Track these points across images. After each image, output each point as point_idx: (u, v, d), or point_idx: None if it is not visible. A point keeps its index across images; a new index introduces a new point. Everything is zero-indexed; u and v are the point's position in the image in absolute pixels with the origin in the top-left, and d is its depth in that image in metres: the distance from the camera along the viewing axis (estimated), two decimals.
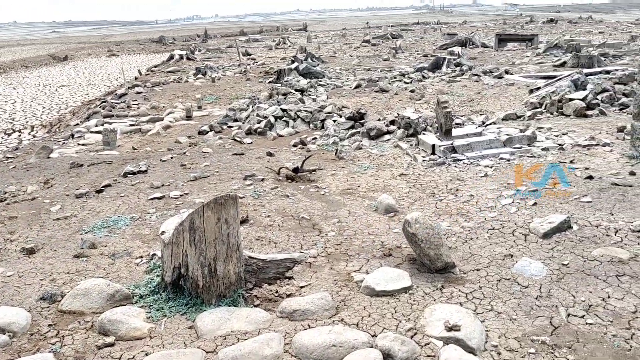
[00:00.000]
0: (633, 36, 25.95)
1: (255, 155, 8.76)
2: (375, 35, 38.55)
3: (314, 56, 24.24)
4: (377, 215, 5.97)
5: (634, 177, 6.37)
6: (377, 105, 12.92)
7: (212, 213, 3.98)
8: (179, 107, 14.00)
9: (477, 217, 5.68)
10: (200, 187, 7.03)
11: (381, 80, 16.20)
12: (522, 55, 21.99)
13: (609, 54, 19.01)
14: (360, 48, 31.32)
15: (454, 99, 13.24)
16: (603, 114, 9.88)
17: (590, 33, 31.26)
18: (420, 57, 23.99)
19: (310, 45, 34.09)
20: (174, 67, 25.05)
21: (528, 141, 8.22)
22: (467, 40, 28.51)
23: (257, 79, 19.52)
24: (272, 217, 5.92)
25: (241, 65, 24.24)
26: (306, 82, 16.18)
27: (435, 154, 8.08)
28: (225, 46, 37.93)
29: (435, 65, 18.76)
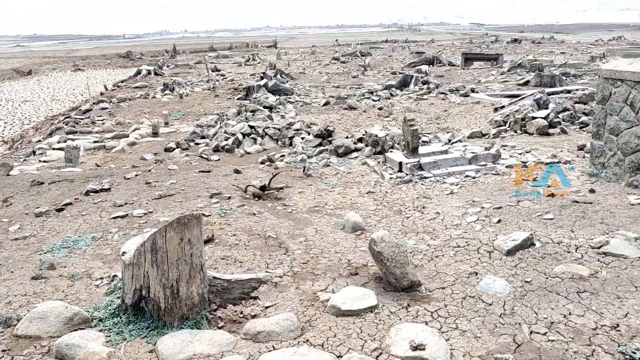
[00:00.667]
0: (593, 56, 26.81)
1: (223, 173, 8.68)
2: (345, 53, 38.93)
3: (284, 73, 24.32)
4: (344, 234, 5.96)
5: (593, 194, 6.52)
6: (346, 123, 13.00)
7: (175, 233, 3.90)
8: (145, 124, 13.83)
9: (443, 235, 5.71)
10: (165, 206, 6.92)
11: (350, 98, 16.32)
12: (488, 73, 22.46)
13: (570, 74, 19.58)
14: (330, 65, 31.57)
15: (421, 116, 13.41)
16: (564, 132, 10.13)
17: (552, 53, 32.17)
18: (389, 74, 24.30)
19: (279, 61, 34.20)
20: (141, 82, 24.78)
21: (493, 159, 8.36)
22: (434, 58, 29.01)
23: (226, 95, 19.45)
24: (238, 235, 5.85)
25: (210, 81, 24.14)
26: (275, 99, 16.19)
27: (402, 171, 8.14)
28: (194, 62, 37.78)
29: (403, 83, 19.01)
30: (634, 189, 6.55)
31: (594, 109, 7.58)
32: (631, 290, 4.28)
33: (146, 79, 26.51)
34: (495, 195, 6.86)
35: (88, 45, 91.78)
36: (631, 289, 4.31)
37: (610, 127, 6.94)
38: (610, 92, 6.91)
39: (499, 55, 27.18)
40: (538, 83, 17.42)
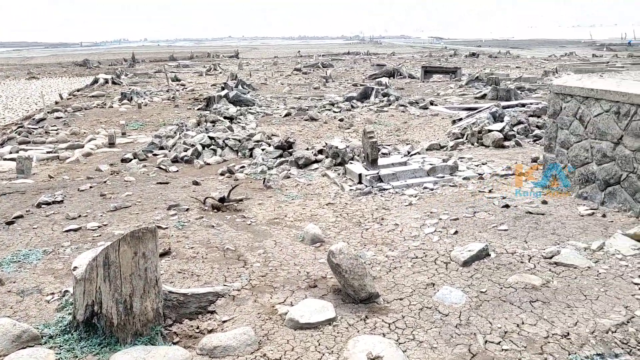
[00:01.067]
0: (546, 71, 27.69)
1: (181, 184, 8.56)
2: (307, 64, 39.11)
3: (245, 83, 24.24)
4: (303, 246, 5.95)
5: (546, 205, 6.71)
6: (307, 134, 13.03)
7: (129, 247, 3.83)
8: (101, 134, 13.53)
9: (402, 246, 5.77)
10: (120, 218, 6.77)
11: (311, 109, 16.38)
12: (446, 86, 22.91)
13: (524, 88, 20.16)
14: (292, 76, 31.65)
15: (381, 128, 13.56)
16: (519, 145, 10.41)
17: (508, 67, 33.08)
18: (350, 86, 24.51)
19: (241, 72, 34.08)
20: (98, 91, 24.27)
21: (450, 171, 8.51)
22: (395, 71, 29.42)
23: (186, 105, 19.24)
24: (196, 248, 5.77)
25: (170, 91, 23.84)
26: (236, 110, 16.11)
27: (362, 183, 8.20)
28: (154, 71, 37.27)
29: (364, 95, 19.20)
30: (583, 200, 6.77)
31: (546, 122, 7.81)
32: (581, 299, 4.40)
33: (103, 88, 25.98)
34: (452, 206, 6.98)
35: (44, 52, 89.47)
36: (581, 297, 4.43)
37: (561, 141, 7.17)
38: (560, 106, 7.14)
39: (458, 69, 27.78)
40: (494, 96, 17.86)
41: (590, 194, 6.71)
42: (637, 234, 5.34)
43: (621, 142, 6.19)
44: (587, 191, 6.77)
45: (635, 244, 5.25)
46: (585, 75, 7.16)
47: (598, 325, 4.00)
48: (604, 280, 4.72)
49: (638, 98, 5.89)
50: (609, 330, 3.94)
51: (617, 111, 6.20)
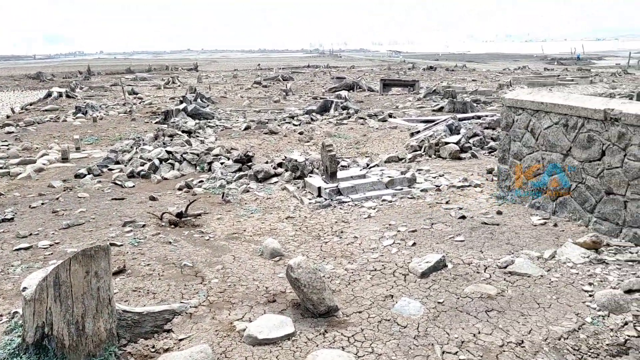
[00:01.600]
0: (500, 84, 28.44)
1: (137, 200, 8.40)
2: (267, 77, 39.09)
3: (204, 97, 24.04)
4: (262, 260, 5.91)
5: (500, 216, 6.87)
6: (267, 147, 12.99)
7: (80, 266, 3.73)
8: (54, 149, 13.16)
9: (361, 259, 5.79)
10: (73, 236, 6.59)
11: (271, 122, 16.36)
12: (405, 99, 23.26)
13: (480, 100, 20.67)
14: (252, 89, 31.57)
15: (341, 141, 13.65)
16: (475, 156, 10.64)
17: (464, 80, 33.84)
18: (310, 99, 24.60)
19: (200, 85, 33.80)
20: (52, 105, 23.64)
21: (408, 183, 8.61)
22: (354, 84, 29.71)
23: (143, 119, 18.94)
24: (152, 265, 5.66)
25: (126, 104, 23.43)
26: (194, 124, 15.95)
27: (322, 196, 8.22)
28: (110, 84, 36.54)
29: (324, 108, 19.31)
30: (536, 210, 6.96)
31: (500, 135, 8.01)
32: (534, 308, 4.51)
33: (57, 102, 25.32)
34: (410, 218, 7.06)
35: None
36: (534, 306, 4.54)
37: (514, 152, 7.37)
38: (513, 119, 7.35)
39: (416, 82, 28.25)
40: (451, 109, 18.24)
41: (543, 204, 6.90)
42: (587, 243, 5.51)
43: (570, 154, 6.40)
44: (539, 201, 6.96)
45: (585, 252, 5.42)
46: (535, 89, 7.40)
47: (551, 333, 4.10)
48: (556, 288, 4.85)
49: (584, 111, 6.12)
50: (561, 337, 4.04)
51: (566, 124, 6.42)
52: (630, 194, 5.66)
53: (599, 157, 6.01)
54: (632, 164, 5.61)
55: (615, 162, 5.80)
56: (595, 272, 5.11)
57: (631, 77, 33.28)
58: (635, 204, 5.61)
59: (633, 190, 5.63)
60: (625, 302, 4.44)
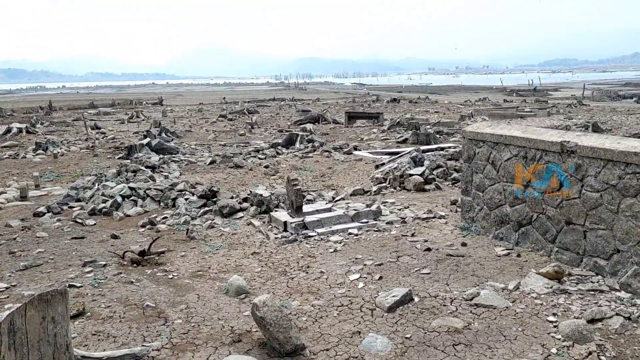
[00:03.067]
0: (462, 116, 29.10)
1: (98, 239, 8.19)
2: (232, 110, 39.11)
3: (169, 131, 23.85)
4: (227, 298, 5.80)
5: (465, 247, 6.94)
6: (232, 182, 12.91)
7: (37, 311, 3.59)
8: (12, 186, 12.78)
9: (327, 294, 5.74)
10: (30, 278, 6.36)
11: (236, 156, 16.29)
12: (370, 131, 23.53)
13: (443, 132, 21.05)
14: (217, 123, 31.49)
15: (306, 174, 13.67)
16: (439, 188, 10.78)
17: (427, 112, 34.53)
18: (276, 132, 24.66)
19: (165, 119, 33.57)
20: (11, 141, 23.06)
21: (374, 216, 8.64)
22: (320, 116, 29.95)
23: (106, 154, 18.64)
24: (113, 307, 5.49)
25: (89, 139, 23.05)
26: (158, 158, 15.77)
27: (287, 230, 8.17)
28: (72, 119, 35.95)
29: (289, 141, 19.37)
30: (499, 241, 7.06)
31: (462, 166, 8.15)
32: (501, 340, 4.53)
33: (17, 138, 24.72)
34: (377, 251, 7.06)
35: None
36: (500, 338, 4.56)
37: (477, 184, 7.49)
38: (474, 152, 7.50)
39: (380, 114, 28.66)
40: (415, 141, 18.53)
41: (506, 235, 7.01)
42: (550, 273, 5.60)
43: (530, 185, 6.55)
44: (502, 232, 7.06)
45: (548, 282, 5.49)
46: (495, 122, 7.59)
47: None
48: (521, 319, 4.88)
49: (542, 144, 6.29)
50: None
51: (525, 156, 6.58)
52: (589, 224, 5.80)
53: (557, 188, 6.16)
54: (589, 195, 5.76)
55: (573, 193, 5.96)
56: (559, 302, 5.18)
57: (586, 108, 34.55)
58: (594, 234, 5.75)
59: (591, 220, 5.77)
60: (589, 332, 4.50)
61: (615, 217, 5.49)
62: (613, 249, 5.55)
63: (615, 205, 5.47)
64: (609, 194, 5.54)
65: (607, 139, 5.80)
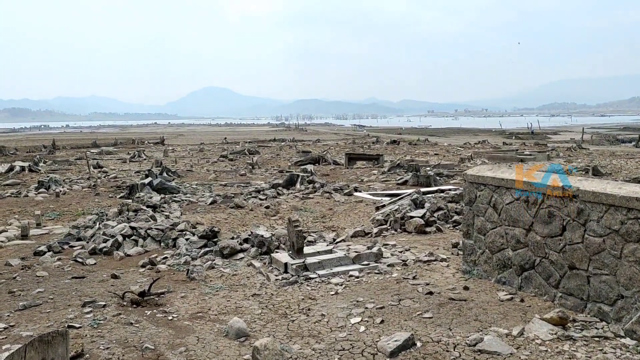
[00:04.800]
0: (462, 158, 29.31)
1: (99, 278, 8.14)
2: (233, 151, 39.39)
3: (170, 170, 23.98)
4: (227, 341, 5.73)
5: (467, 291, 6.89)
6: (233, 222, 12.90)
7: (36, 353, 3.55)
8: (13, 225, 12.78)
9: (328, 338, 5.68)
10: (29, 318, 6.29)
11: (237, 196, 16.33)
12: (370, 173, 23.65)
13: (443, 174, 21.15)
14: (218, 163, 31.69)
15: (307, 215, 13.68)
16: (440, 230, 10.77)
17: (427, 154, 34.77)
18: (277, 172, 24.78)
19: (166, 159, 33.80)
20: (14, 179, 23.17)
21: (375, 258, 8.61)
22: (320, 157, 30.16)
23: (108, 193, 18.69)
24: (112, 349, 5.42)
25: (91, 178, 23.15)
26: (160, 198, 15.79)
27: (288, 272, 8.12)
28: (75, 158, 36.21)
29: (290, 182, 19.44)
30: (502, 285, 7.01)
31: (463, 209, 8.17)
32: None
33: (19, 176, 24.86)
34: (378, 294, 7.01)
35: None
36: None
37: (478, 227, 7.50)
38: (475, 195, 7.53)
39: (380, 156, 28.87)
40: (415, 182, 18.60)
41: (508, 279, 6.97)
42: (554, 318, 5.55)
43: (532, 229, 6.55)
44: (505, 276, 7.03)
45: (552, 328, 5.44)
46: (496, 165, 7.64)
47: None
48: None
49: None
50: None
51: (527, 199, 6.61)
52: (593, 269, 5.78)
53: (560, 233, 6.16)
54: (592, 240, 5.77)
55: (576, 238, 5.96)
56: (564, 349, 5.12)
57: (585, 151, 34.79)
58: (598, 279, 5.72)
59: (595, 265, 5.76)
60: None
61: (618, 262, 5.48)
62: (617, 295, 5.52)
63: (618, 251, 5.47)
64: (611, 239, 5.55)
65: (609, 184, 5.85)
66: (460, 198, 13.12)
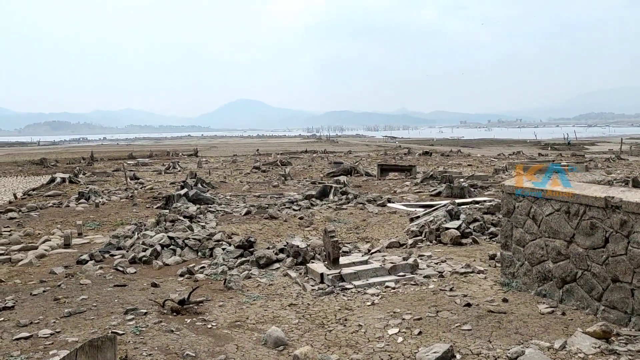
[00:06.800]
0: (496, 169, 28.94)
1: (139, 287, 8.32)
2: (265, 162, 39.75)
3: (204, 181, 24.33)
4: (266, 350, 5.79)
5: (506, 304, 6.80)
6: (267, 232, 13.02)
7: (87, 357, 3.67)
8: (56, 234, 13.17)
9: (366, 348, 5.69)
10: (74, 324, 6.48)
11: (271, 207, 16.48)
12: (402, 184, 23.56)
13: (477, 185, 20.93)
14: (251, 174, 32.02)
15: (341, 226, 13.70)
16: (476, 242, 10.67)
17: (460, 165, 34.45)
18: (309, 184, 24.89)
19: (200, 170, 34.31)
20: (55, 190, 23.87)
21: (411, 269, 8.58)
22: (352, 169, 30.17)
23: (145, 204, 19.07)
24: (154, 355, 5.54)
25: (128, 189, 23.67)
26: (196, 209, 16.05)
27: (324, 282, 8.16)
28: (112, 169, 37.09)
29: (323, 193, 19.50)
30: (542, 298, 6.90)
31: (501, 221, 8.09)
32: None
33: (60, 187, 25.59)
34: (415, 305, 6.99)
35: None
36: None
37: (517, 239, 7.41)
38: (514, 206, 7.46)
39: (413, 167, 28.73)
40: (449, 194, 18.45)
41: (549, 292, 6.86)
42: (597, 332, 5.44)
43: (574, 241, 6.45)
44: (545, 289, 6.92)
45: (596, 342, 5.33)
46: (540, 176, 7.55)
47: None
48: None
49: (585, 199, 6.23)
50: None
51: (568, 211, 6.51)
52: (637, 281, 5.66)
53: (602, 245, 6.05)
54: (636, 252, 5.65)
55: (619, 250, 5.84)
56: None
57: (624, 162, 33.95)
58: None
59: (639, 278, 5.63)
60: None
61: None
62: None
63: None
64: None
65: None
66: (496, 209, 12.97)
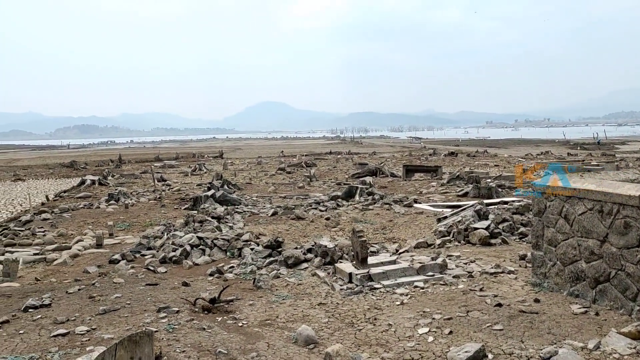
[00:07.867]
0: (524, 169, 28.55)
1: (170, 286, 8.46)
2: (290, 164, 39.91)
3: (230, 183, 24.56)
4: (297, 348, 5.84)
5: (538, 304, 6.74)
6: (294, 233, 13.09)
7: (126, 352, 3.77)
8: (88, 235, 13.45)
9: (397, 347, 5.69)
10: (109, 322, 6.62)
11: (297, 208, 16.57)
12: (428, 185, 23.43)
13: (505, 185, 20.69)
14: (276, 175, 32.19)
15: (367, 226, 13.70)
16: (505, 242, 10.57)
17: (487, 166, 34.10)
18: (334, 185, 24.93)
19: (226, 172, 34.62)
20: (85, 192, 24.37)
21: (440, 269, 8.55)
22: (377, 169, 30.11)
23: (173, 205, 19.34)
24: (188, 352, 5.63)
25: (156, 191, 24.02)
26: (223, 209, 16.22)
27: (353, 282, 8.18)
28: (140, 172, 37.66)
29: (349, 194, 19.51)
30: (575, 298, 6.82)
31: (531, 220, 8.01)
32: None
33: (90, 189, 26.11)
34: (444, 305, 6.96)
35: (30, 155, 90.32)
36: None
37: (549, 239, 7.33)
38: (545, 205, 7.38)
39: (438, 168, 28.53)
40: (476, 194, 18.29)
41: (582, 292, 6.77)
42: (632, 332, 5.36)
43: (607, 240, 6.36)
44: (578, 289, 6.83)
45: (631, 343, 5.26)
46: (566, 175, 7.46)
47: None
48: None
49: (619, 197, 6.14)
50: None
51: (601, 210, 6.42)
52: None
53: (637, 244, 5.95)
54: None
55: None
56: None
57: None
58: None
59: None
60: None
61: None
62: None
63: None
64: None
65: None
66: (525, 209, 12.83)
